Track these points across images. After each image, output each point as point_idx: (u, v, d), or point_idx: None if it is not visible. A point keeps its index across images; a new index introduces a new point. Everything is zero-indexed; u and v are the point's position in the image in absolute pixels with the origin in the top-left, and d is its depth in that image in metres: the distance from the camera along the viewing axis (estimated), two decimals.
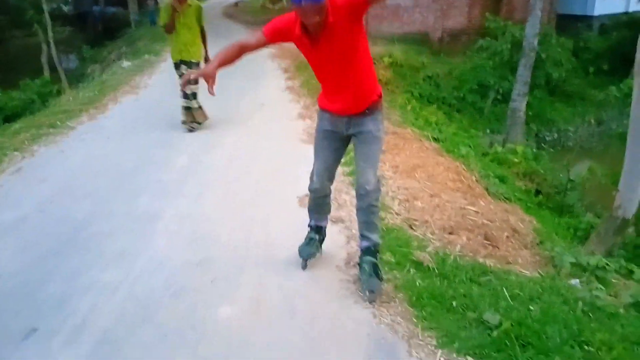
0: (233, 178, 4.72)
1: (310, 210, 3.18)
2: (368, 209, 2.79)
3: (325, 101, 2.85)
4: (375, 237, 2.84)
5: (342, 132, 2.84)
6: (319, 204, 3.13)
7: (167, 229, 3.71)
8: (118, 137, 6.00)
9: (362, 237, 2.88)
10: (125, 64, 11.96)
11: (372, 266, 2.78)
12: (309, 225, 3.19)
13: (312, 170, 3.03)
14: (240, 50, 2.81)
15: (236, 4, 31.17)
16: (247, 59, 10.11)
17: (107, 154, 5.43)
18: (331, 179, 3.06)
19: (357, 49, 2.57)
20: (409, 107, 9.87)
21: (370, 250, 2.83)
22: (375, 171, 2.78)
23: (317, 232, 3.17)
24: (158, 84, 9.30)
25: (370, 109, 2.76)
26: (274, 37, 2.70)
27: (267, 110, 7.27)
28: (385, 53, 13.00)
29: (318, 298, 2.79)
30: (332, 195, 4.14)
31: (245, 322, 2.61)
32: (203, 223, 3.79)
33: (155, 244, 3.49)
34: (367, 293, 2.75)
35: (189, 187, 4.51)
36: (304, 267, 3.11)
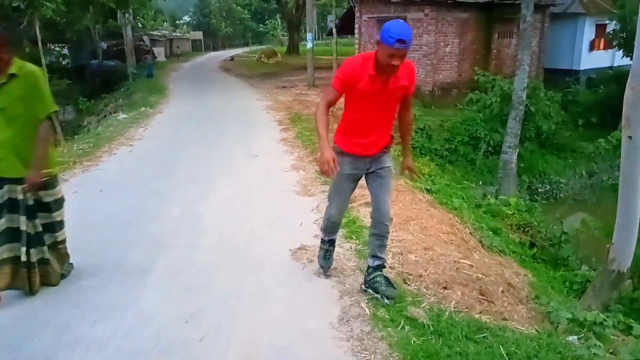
0: (226, 229, 4.68)
1: (325, 231, 3.54)
2: (384, 235, 3.22)
3: (351, 144, 3.14)
4: (384, 255, 3.32)
5: (362, 172, 3.22)
6: (335, 226, 3.52)
7: (158, 282, 3.64)
8: (111, 190, 5.98)
9: (374, 257, 3.27)
10: (121, 116, 12.11)
11: (385, 279, 3.26)
12: (323, 241, 3.59)
13: (330, 207, 3.39)
14: (328, 111, 3.10)
15: (232, 59, 32.04)
16: (241, 111, 10.40)
17: (100, 207, 5.39)
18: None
19: (397, 104, 3.08)
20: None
21: (381, 267, 3.29)
22: (389, 202, 3.24)
23: (332, 244, 3.63)
24: (153, 135, 9.40)
25: (387, 147, 3.18)
26: (344, 89, 2.99)
27: (261, 161, 7.32)
28: None
29: (310, 357, 2.71)
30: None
31: None
32: (194, 275, 3.73)
33: (145, 297, 3.42)
34: (387, 300, 3.18)
35: (181, 238, 4.47)
36: (327, 275, 3.64)
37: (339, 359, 2.69)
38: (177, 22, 52.57)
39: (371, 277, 3.28)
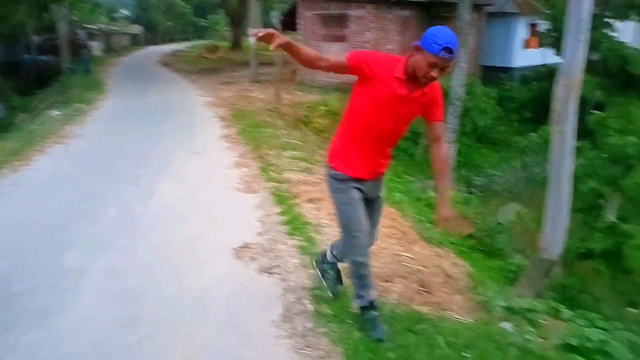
0: (166, 229, 4.56)
1: (359, 288, 2.87)
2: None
3: (355, 163, 2.68)
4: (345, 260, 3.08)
5: (368, 195, 2.79)
6: (364, 275, 2.82)
7: (94, 285, 3.49)
8: (44, 190, 5.69)
9: (334, 257, 3.18)
10: (55, 113, 11.53)
11: (337, 272, 3.20)
12: (362, 307, 2.91)
13: (352, 245, 2.76)
14: (315, 58, 2.55)
15: (173, 53, 31.21)
16: (182, 107, 10.16)
17: (31, 208, 5.12)
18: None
19: (410, 122, 2.68)
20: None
21: (336, 264, 3.19)
22: (378, 227, 3.06)
23: (374, 307, 2.92)
24: (89, 133, 9.00)
25: (384, 172, 2.87)
26: (360, 62, 2.53)
27: (203, 158, 7.18)
28: (321, 102, 13.32)
29: (252, 357, 2.68)
30: (275, 246, 4.14)
31: None
32: (132, 277, 3.61)
33: (81, 301, 3.28)
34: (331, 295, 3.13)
35: (118, 239, 4.31)
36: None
37: (281, 357, 2.67)
38: (115, 15, 50.59)
39: (324, 266, 3.16)
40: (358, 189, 2.70)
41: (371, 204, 2.83)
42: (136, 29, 47.38)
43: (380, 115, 2.57)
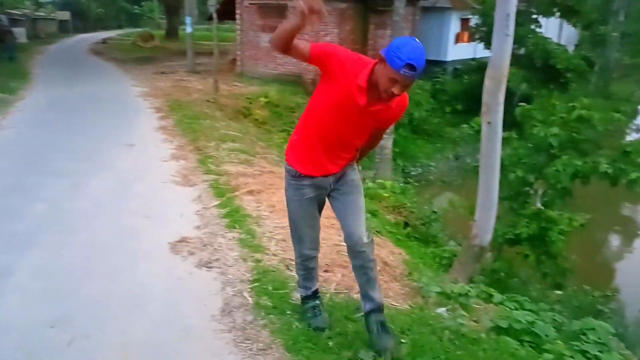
0: (98, 224, 4.39)
1: (303, 280, 2.86)
2: (367, 265, 2.59)
3: (309, 163, 2.51)
4: (378, 296, 2.66)
5: (325, 192, 2.61)
6: (312, 268, 2.84)
7: (20, 285, 3.31)
8: None
9: (365, 297, 2.66)
10: None
11: (379, 325, 2.61)
12: (304, 297, 2.90)
13: (299, 243, 2.75)
14: (291, 36, 2.19)
15: (104, 41, 29.91)
16: (116, 98, 9.76)
17: None
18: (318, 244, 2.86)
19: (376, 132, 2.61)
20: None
21: (375, 311, 2.64)
22: (364, 223, 2.57)
23: (317, 297, 2.90)
24: (13, 125, 8.47)
25: (351, 161, 2.62)
26: (322, 56, 2.28)
27: (138, 151, 6.95)
28: (261, 93, 13.22)
29: (190, 352, 2.65)
30: (214, 240, 4.07)
31: None
32: (62, 276, 3.45)
33: (5, 302, 3.10)
34: (382, 353, 2.53)
35: (46, 236, 4.10)
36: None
37: (220, 351, 2.65)
38: (40, 0, 47.72)
39: (366, 323, 2.68)
40: (313, 185, 2.55)
41: (339, 194, 2.60)
42: (64, 15, 44.95)
43: (335, 121, 2.38)
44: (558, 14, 17.14)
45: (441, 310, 3.54)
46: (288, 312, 3.01)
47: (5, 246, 3.88)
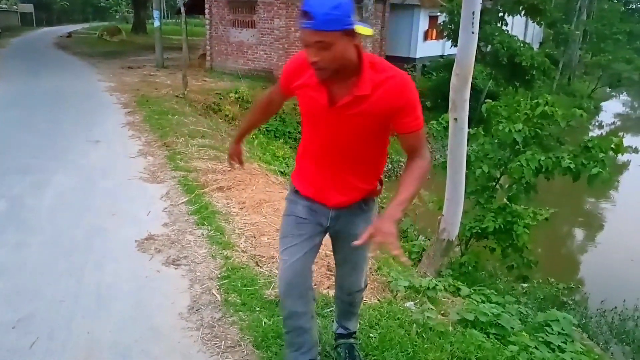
0: (62, 222, 4.28)
1: (289, 335, 2.22)
2: (351, 304, 2.43)
3: (304, 181, 2.10)
4: (353, 325, 2.54)
5: (322, 226, 2.12)
6: (299, 328, 2.17)
7: None
8: None
9: (339, 323, 2.54)
10: None
11: (347, 350, 2.49)
12: None
13: (280, 273, 2.13)
14: (263, 106, 2.27)
15: (69, 35, 29.14)
16: (81, 93, 9.53)
17: None
18: (307, 290, 2.13)
19: (375, 140, 1.97)
20: (255, 142, 10.01)
21: (346, 336, 2.53)
22: (363, 275, 2.34)
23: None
24: None
25: (365, 201, 2.09)
26: (287, 82, 1.99)
27: (104, 147, 6.81)
28: (231, 89, 13.09)
29: (158, 351, 2.62)
30: (182, 237, 4.00)
31: None
32: (23, 275, 3.36)
33: None
34: None
35: (7, 235, 3.99)
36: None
37: (188, 350, 2.63)
38: None
39: (334, 345, 2.57)
40: (309, 207, 2.09)
41: (342, 245, 2.17)
42: (27, 7, 43.59)
43: (315, 132, 1.99)
44: (523, 12, 17.49)
45: (409, 304, 3.59)
46: (257, 308, 3.00)
47: None
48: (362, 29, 1.76)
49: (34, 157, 6.20)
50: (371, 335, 2.79)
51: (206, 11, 17.46)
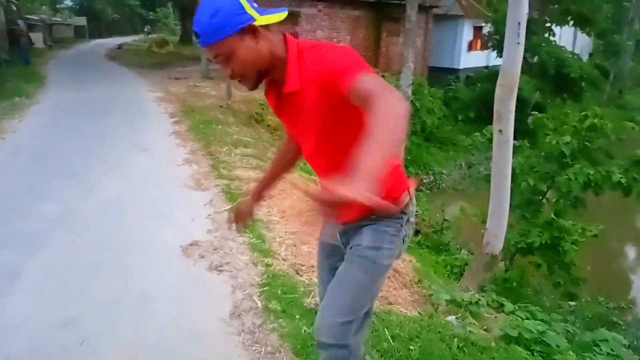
0: (109, 226, 4.43)
1: None
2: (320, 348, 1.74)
3: None
4: None
5: (337, 247, 1.87)
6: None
7: (31, 286, 3.35)
8: None
9: None
10: None
11: None
12: None
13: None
14: (279, 153, 2.03)
15: (120, 47, 30.26)
16: (130, 102, 9.84)
17: None
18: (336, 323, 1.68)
19: (336, 128, 1.60)
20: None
21: None
22: (339, 311, 1.67)
23: None
24: (28, 128, 8.60)
25: (376, 214, 1.68)
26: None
27: (151, 155, 7.01)
28: None
29: (200, 354, 2.66)
30: (225, 244, 4.07)
31: None
32: (73, 277, 3.49)
33: (16, 303, 3.14)
34: None
35: (58, 238, 4.15)
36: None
37: (229, 354, 2.66)
38: (57, 6, 48.50)
39: None
40: (328, 228, 1.90)
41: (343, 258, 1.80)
42: (80, 20, 45.60)
43: (300, 145, 1.83)
44: (572, 22, 17.05)
45: (451, 318, 3.53)
46: (297, 316, 3.01)
47: (17, 247, 3.93)
48: (267, 18, 1.58)
49: (85, 162, 6.44)
50: (411, 347, 2.76)
51: None
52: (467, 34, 20.67)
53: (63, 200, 5.04)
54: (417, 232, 7.06)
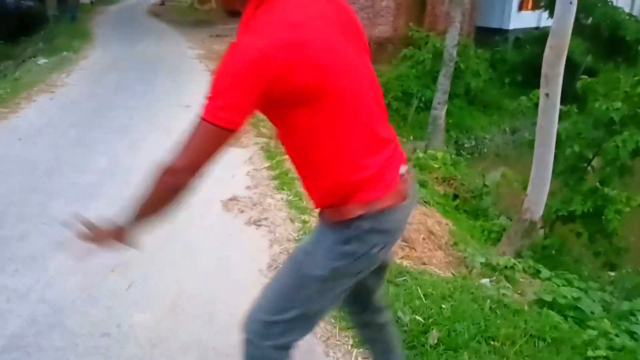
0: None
1: None
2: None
3: None
4: None
5: None
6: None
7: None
8: (31, 139, 5.66)
9: None
10: (42, 61, 11.31)
11: None
12: None
13: None
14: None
15: (162, 3, 30.32)
16: (172, 59, 9.92)
17: (19, 155, 5.11)
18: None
19: (283, 121, 1.47)
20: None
21: None
22: (262, 307, 1.58)
23: None
24: (76, 82, 8.88)
25: (323, 213, 1.52)
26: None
27: (193, 112, 7.08)
28: None
29: (238, 302, 2.78)
30: (263, 200, 4.15)
31: (162, 327, 2.56)
32: None
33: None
34: None
35: (107, 189, 4.35)
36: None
37: None
38: None
39: None
40: None
41: None
42: None
43: None
44: None
45: (485, 281, 3.54)
46: None
47: (70, 196, 4.15)
48: None
49: (130, 118, 6.63)
50: (443, 306, 2.79)
51: None
52: None
53: (111, 153, 5.24)
54: (455, 197, 7.01)
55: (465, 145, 13.79)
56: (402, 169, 1.52)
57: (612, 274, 6.85)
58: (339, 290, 1.53)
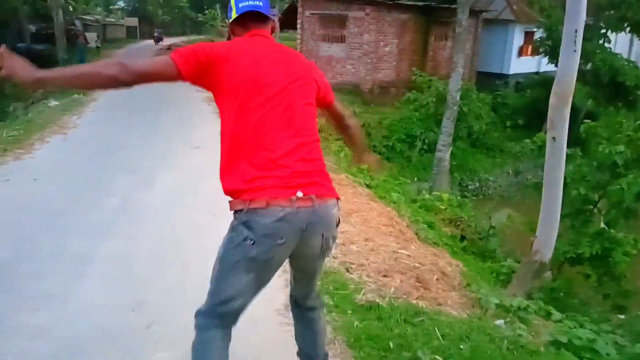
0: (168, 218, 4.65)
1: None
2: None
3: None
4: None
5: None
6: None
7: (99, 271, 3.59)
8: (45, 178, 5.75)
9: None
10: (53, 103, 11.57)
11: None
12: None
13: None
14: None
15: (169, 47, 31.09)
16: (180, 101, 10.16)
17: (34, 195, 5.19)
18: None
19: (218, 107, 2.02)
20: (342, 154, 10.19)
21: None
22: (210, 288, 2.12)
23: None
24: (88, 123, 9.07)
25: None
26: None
27: (203, 153, 7.25)
28: None
29: (257, 341, 2.80)
30: None
31: None
32: (137, 264, 3.70)
33: (87, 286, 3.37)
34: None
35: (121, 227, 4.40)
36: None
37: (284, 342, 2.78)
38: (111, 7, 50.43)
39: None
40: None
41: None
42: (132, 21, 47.19)
43: None
44: (628, 29, 16.48)
45: (499, 322, 3.54)
46: (349, 311, 3.11)
47: (84, 235, 4.19)
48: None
49: (142, 157, 6.75)
50: (461, 347, 2.80)
51: (298, 26, 18.06)
52: (517, 38, 20.28)
53: (123, 192, 5.31)
54: (462, 238, 7.04)
55: (469, 187, 13.90)
56: (299, 193, 1.80)
57: (621, 316, 6.79)
58: (241, 274, 1.96)
